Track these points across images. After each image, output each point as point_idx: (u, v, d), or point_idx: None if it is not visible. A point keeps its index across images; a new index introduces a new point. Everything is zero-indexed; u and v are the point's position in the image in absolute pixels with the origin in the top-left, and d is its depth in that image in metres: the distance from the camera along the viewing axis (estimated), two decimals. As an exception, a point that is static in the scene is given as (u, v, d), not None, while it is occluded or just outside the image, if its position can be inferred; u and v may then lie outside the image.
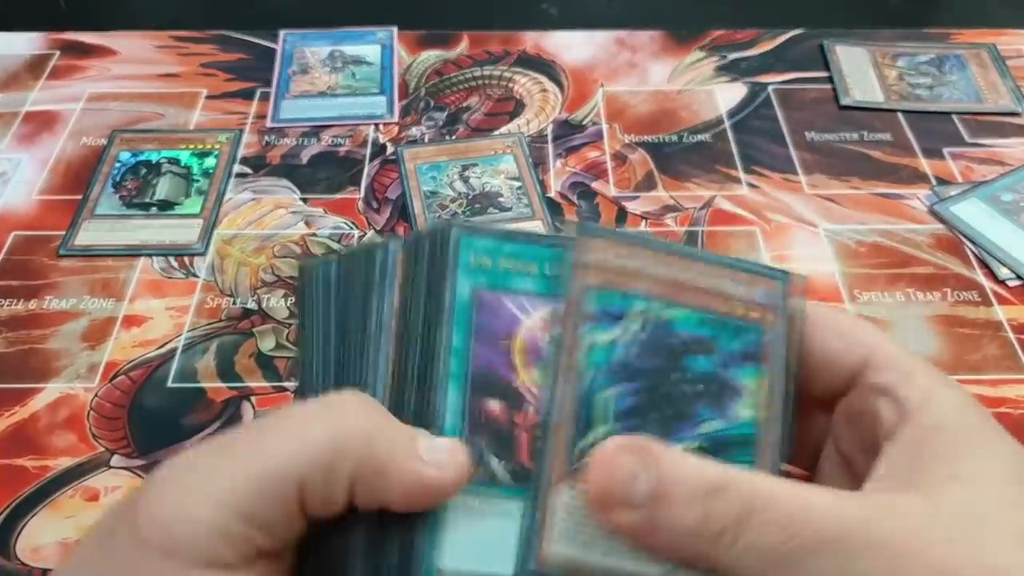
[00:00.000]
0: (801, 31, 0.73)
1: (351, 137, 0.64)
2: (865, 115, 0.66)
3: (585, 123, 0.65)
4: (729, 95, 0.68)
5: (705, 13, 0.80)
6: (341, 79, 0.69)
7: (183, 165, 0.61)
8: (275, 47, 0.72)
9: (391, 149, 0.63)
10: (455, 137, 0.64)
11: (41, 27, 0.74)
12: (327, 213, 0.58)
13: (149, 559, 0.21)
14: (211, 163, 0.61)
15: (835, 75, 0.69)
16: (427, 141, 0.64)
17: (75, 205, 0.58)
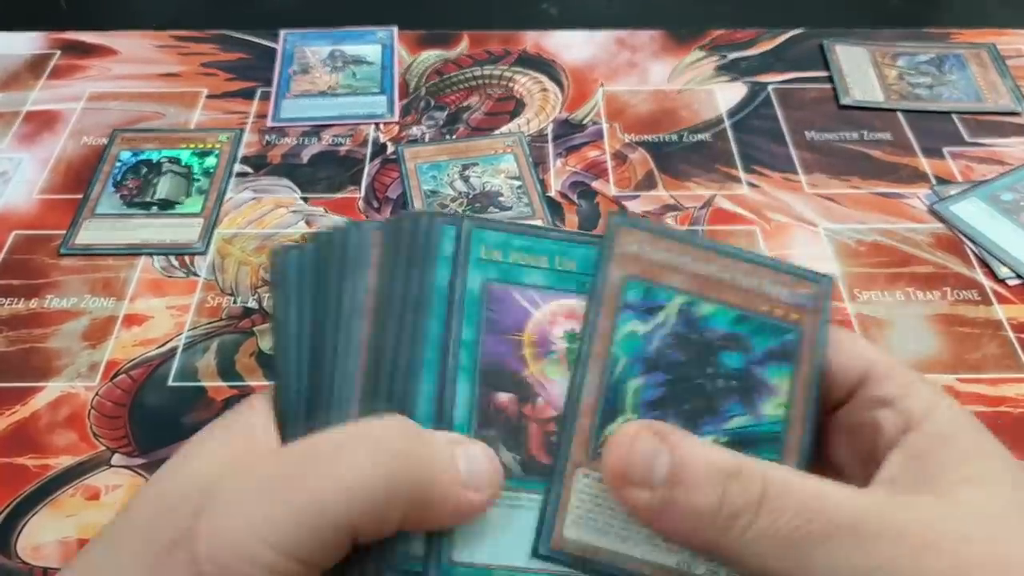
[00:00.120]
0: (801, 31, 0.73)
1: (351, 136, 0.64)
2: (865, 115, 0.66)
3: (585, 122, 0.65)
4: (729, 95, 0.68)
5: (705, 13, 0.80)
6: (341, 79, 0.69)
7: (184, 164, 0.61)
8: (275, 47, 0.72)
9: (391, 148, 0.63)
10: (455, 136, 0.64)
11: (42, 27, 0.74)
12: (328, 212, 0.58)
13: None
14: (212, 162, 0.61)
15: (835, 75, 0.69)
16: (427, 140, 0.64)
17: (76, 204, 0.58)
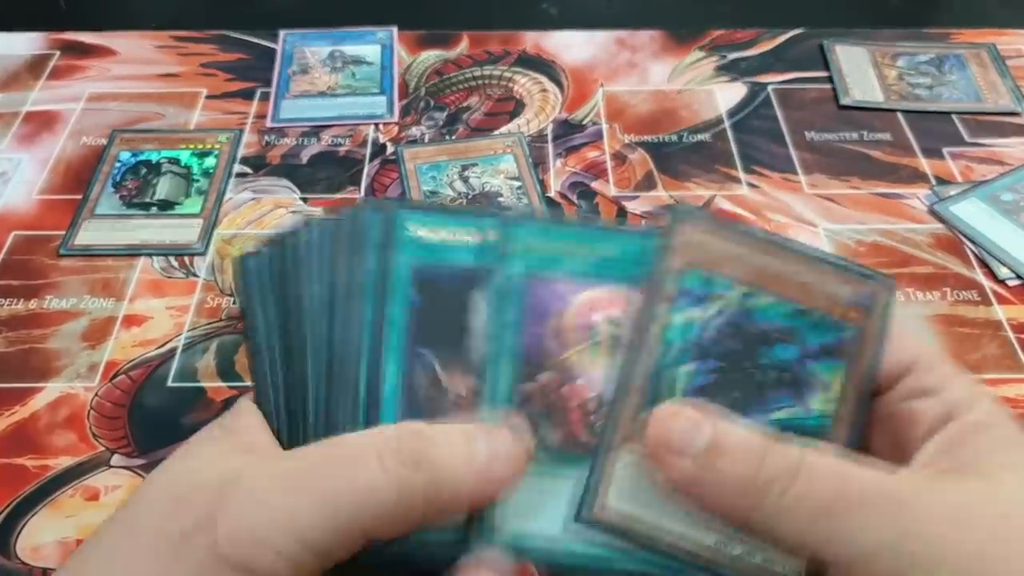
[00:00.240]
0: (801, 31, 0.73)
1: (351, 137, 0.64)
2: (865, 115, 0.66)
3: (585, 123, 0.65)
4: (729, 95, 0.68)
5: (705, 13, 0.80)
6: (341, 79, 0.69)
7: (183, 165, 0.61)
8: (275, 47, 0.72)
9: (391, 149, 0.63)
10: (455, 137, 0.64)
11: (41, 27, 0.74)
12: (327, 213, 0.58)
13: (225, 573, 0.22)
14: (211, 163, 0.61)
15: (835, 75, 0.69)
16: (427, 141, 0.64)
17: (75, 205, 0.58)
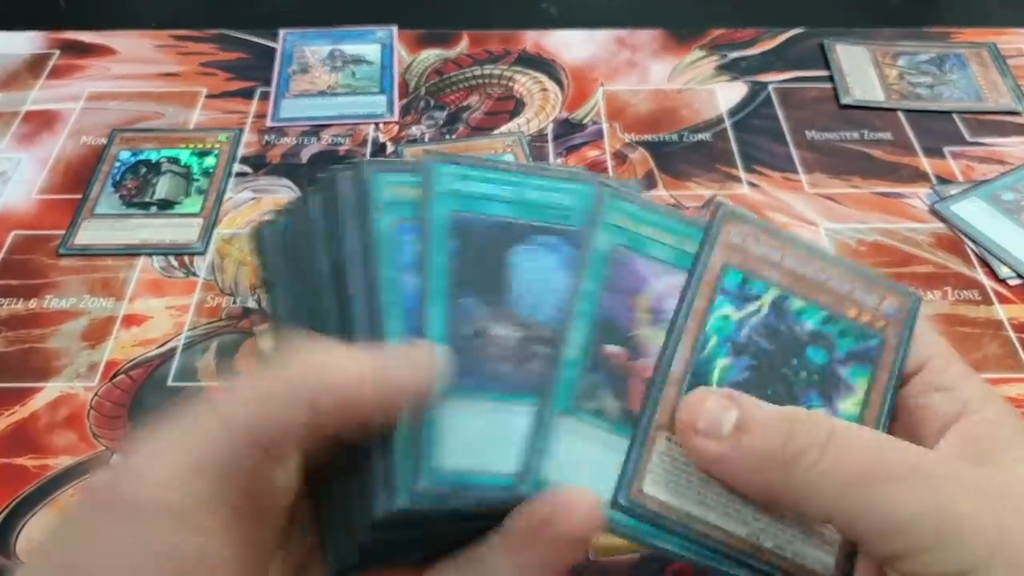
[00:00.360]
0: (801, 30, 0.73)
1: (351, 136, 0.64)
2: (866, 114, 0.66)
3: (585, 122, 0.65)
4: (729, 94, 0.68)
5: (705, 12, 0.80)
6: (341, 78, 0.69)
7: (183, 164, 0.61)
8: (275, 46, 0.72)
9: (391, 148, 0.63)
10: (455, 136, 0.64)
11: (41, 26, 0.74)
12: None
13: (119, 523, 0.20)
14: (211, 162, 0.61)
15: (835, 74, 0.69)
16: (427, 140, 0.64)
17: (75, 204, 0.58)
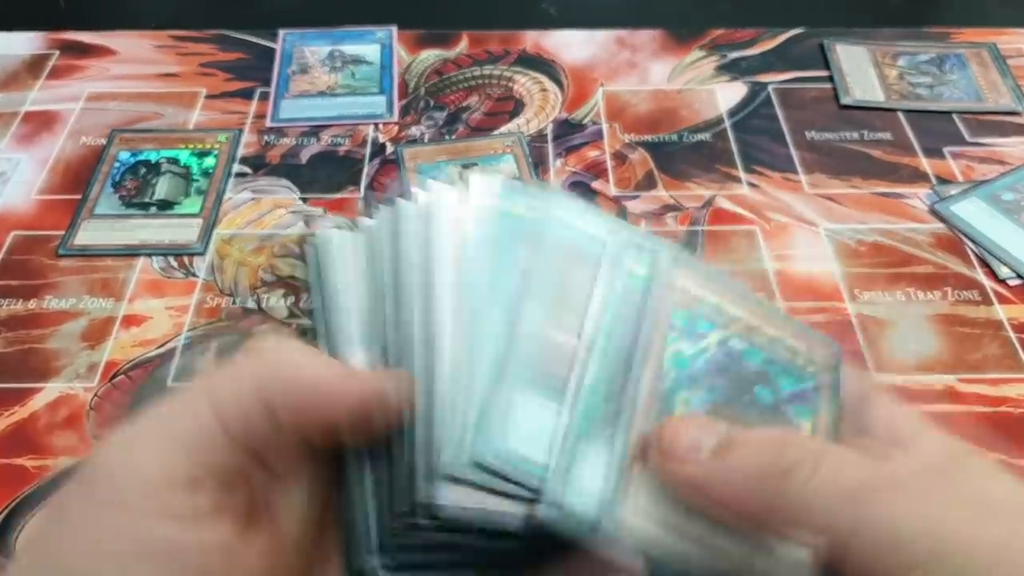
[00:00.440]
0: (801, 30, 0.73)
1: (351, 137, 0.64)
2: (865, 114, 0.66)
3: (585, 122, 0.65)
4: (729, 94, 0.68)
5: (705, 12, 0.80)
6: (341, 79, 0.69)
7: (182, 165, 0.61)
8: (275, 47, 0.72)
9: (391, 149, 0.63)
10: (455, 137, 0.64)
11: (40, 27, 0.74)
12: (327, 213, 0.58)
13: (101, 515, 0.20)
14: (210, 163, 0.61)
15: (835, 74, 0.68)
16: (427, 141, 0.64)
17: (74, 205, 0.58)
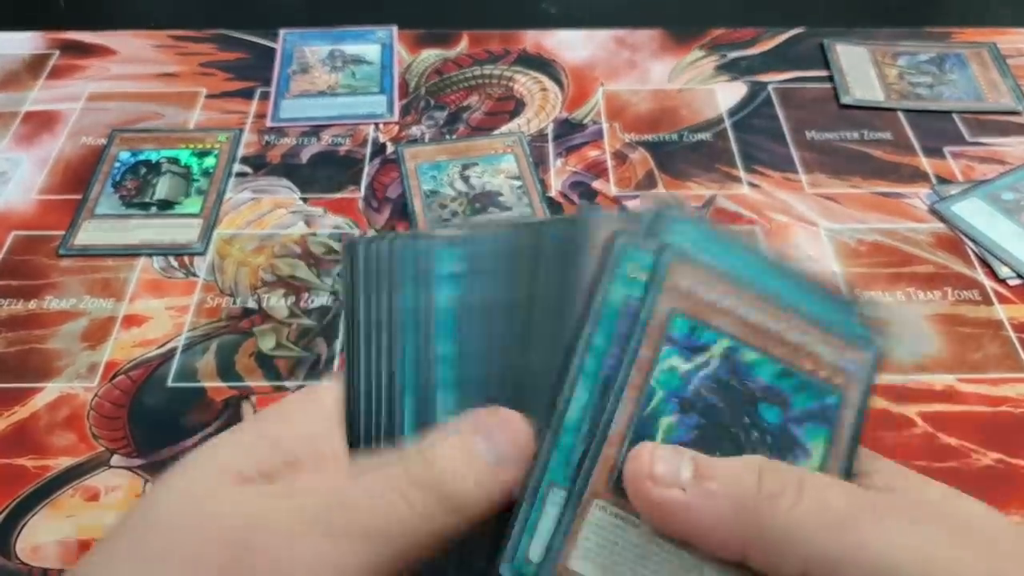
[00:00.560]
0: (801, 30, 0.73)
1: (351, 136, 0.64)
2: (865, 114, 0.66)
3: (585, 122, 0.65)
4: (729, 94, 0.68)
5: (705, 12, 0.80)
6: (341, 78, 0.69)
7: (183, 165, 0.61)
8: (275, 46, 0.72)
9: (391, 148, 0.63)
10: (455, 136, 0.64)
11: (40, 27, 0.74)
12: (327, 212, 0.58)
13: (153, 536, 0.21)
14: (211, 163, 0.61)
15: (835, 74, 0.69)
16: (427, 140, 0.64)
17: (75, 205, 0.58)
